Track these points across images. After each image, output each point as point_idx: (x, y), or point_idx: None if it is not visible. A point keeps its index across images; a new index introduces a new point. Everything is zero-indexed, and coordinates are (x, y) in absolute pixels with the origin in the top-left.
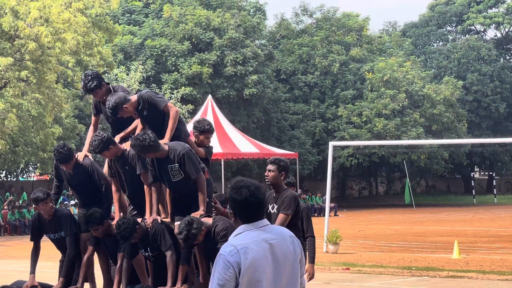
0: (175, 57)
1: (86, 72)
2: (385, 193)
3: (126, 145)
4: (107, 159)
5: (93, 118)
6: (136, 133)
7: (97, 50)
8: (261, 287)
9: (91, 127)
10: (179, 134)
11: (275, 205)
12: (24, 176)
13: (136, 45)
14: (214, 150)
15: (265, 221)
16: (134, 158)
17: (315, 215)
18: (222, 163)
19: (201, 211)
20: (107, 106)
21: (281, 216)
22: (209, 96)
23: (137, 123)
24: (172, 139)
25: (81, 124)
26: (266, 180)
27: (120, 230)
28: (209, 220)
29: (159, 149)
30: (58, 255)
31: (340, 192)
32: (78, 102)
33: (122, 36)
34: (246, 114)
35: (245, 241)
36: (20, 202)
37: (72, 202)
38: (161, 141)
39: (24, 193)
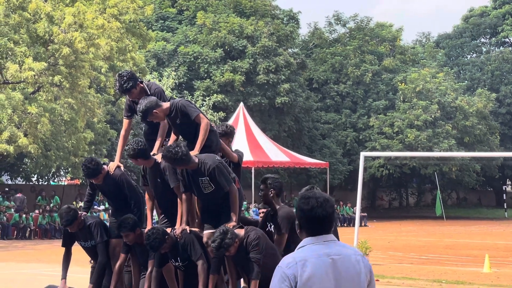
0: (207, 64)
1: (120, 72)
2: (415, 205)
3: (158, 157)
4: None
5: (125, 121)
6: (169, 144)
7: (130, 56)
8: None
9: (123, 132)
10: (210, 144)
11: (272, 223)
12: (55, 180)
13: (169, 51)
14: (245, 158)
15: (331, 236)
16: (165, 169)
17: (345, 225)
18: (253, 171)
19: (233, 222)
20: (137, 109)
21: (276, 238)
22: (241, 104)
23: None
24: (203, 149)
25: (113, 129)
26: (261, 199)
27: (149, 241)
28: (241, 232)
29: (190, 162)
30: (87, 260)
31: (370, 203)
32: (110, 108)
33: (156, 42)
34: (277, 122)
35: (305, 254)
36: (51, 206)
37: (102, 207)
38: (191, 153)
39: (56, 197)
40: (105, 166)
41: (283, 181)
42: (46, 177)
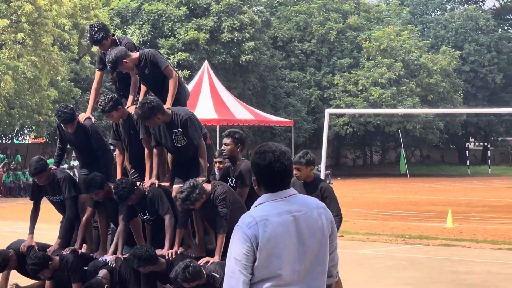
0: (171, 22)
1: (92, 23)
2: (379, 162)
3: (131, 109)
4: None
5: (97, 73)
6: (140, 98)
7: (94, 13)
8: (282, 263)
9: (95, 85)
10: (179, 97)
11: (233, 178)
12: (19, 139)
13: (133, 9)
14: (210, 116)
15: (291, 190)
16: (138, 122)
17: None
18: (218, 129)
19: (202, 177)
20: (106, 59)
21: (238, 191)
22: (206, 62)
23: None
24: (173, 102)
25: (77, 87)
26: (224, 154)
27: (118, 190)
28: (208, 186)
29: (164, 114)
30: (54, 218)
31: (335, 161)
32: (74, 66)
33: (119, 0)
34: (242, 80)
35: (265, 212)
36: (15, 164)
37: (66, 165)
38: (166, 105)
39: (18, 155)
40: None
41: (248, 139)
42: (9, 136)
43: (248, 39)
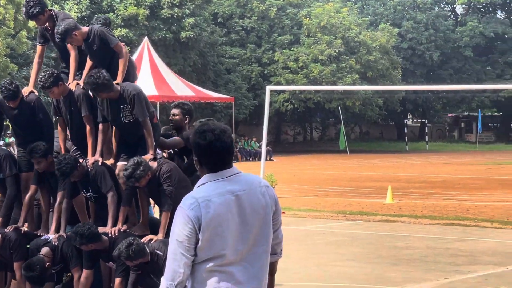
0: None
1: None
2: (319, 139)
3: (72, 85)
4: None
5: (38, 47)
6: (85, 71)
7: None
8: (225, 244)
9: (36, 58)
10: (128, 76)
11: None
12: None
13: None
14: (150, 93)
15: (234, 169)
16: (79, 99)
17: (250, 159)
18: (158, 105)
19: (149, 155)
20: (56, 31)
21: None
22: (145, 38)
23: (89, 64)
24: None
25: (13, 63)
26: (171, 124)
27: (60, 166)
28: (154, 164)
29: (112, 89)
30: None
31: (275, 137)
32: (10, 41)
33: None
34: (182, 57)
35: (207, 193)
36: None
37: (1, 142)
38: (115, 82)
39: None
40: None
41: None
42: None
43: (188, 15)
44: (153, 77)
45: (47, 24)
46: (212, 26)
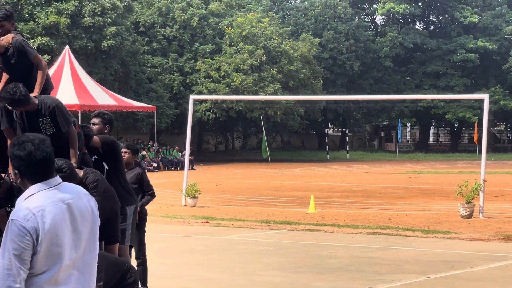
0: (31, 6)
1: None
2: (241, 148)
3: None
4: None
5: None
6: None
7: None
8: (61, 252)
9: None
10: (46, 86)
11: (96, 156)
12: None
13: None
14: (72, 102)
15: (58, 179)
16: None
17: (172, 168)
18: (79, 114)
19: (73, 163)
20: None
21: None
22: (67, 47)
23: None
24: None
25: None
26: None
27: None
28: (80, 172)
29: (30, 103)
30: None
31: (197, 146)
32: None
33: None
34: (104, 66)
35: (40, 203)
36: None
37: None
38: (30, 94)
39: None
40: None
41: None
42: None
43: (109, 24)
44: (74, 85)
45: None
46: (134, 35)
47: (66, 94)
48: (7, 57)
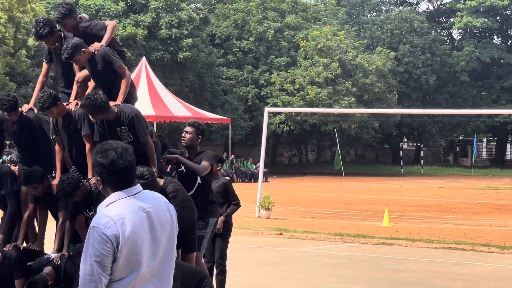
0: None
1: (37, 18)
2: (315, 161)
3: (71, 105)
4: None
5: (44, 65)
6: (87, 92)
7: (30, 7)
8: (140, 260)
9: (41, 77)
10: (130, 98)
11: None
12: None
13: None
14: (148, 113)
15: (138, 187)
16: (80, 118)
17: (246, 180)
18: (155, 125)
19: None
20: (64, 47)
21: (204, 163)
22: (143, 59)
23: (92, 85)
24: (124, 102)
25: (12, 82)
26: (182, 141)
27: (63, 186)
28: (160, 181)
29: (109, 111)
30: None
31: (271, 159)
32: (9, 60)
33: None
34: (179, 77)
35: (121, 211)
36: None
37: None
38: (111, 103)
39: None
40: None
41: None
42: None
43: (186, 36)
44: (150, 97)
45: (56, 44)
46: (209, 47)
47: (142, 105)
48: (93, 64)
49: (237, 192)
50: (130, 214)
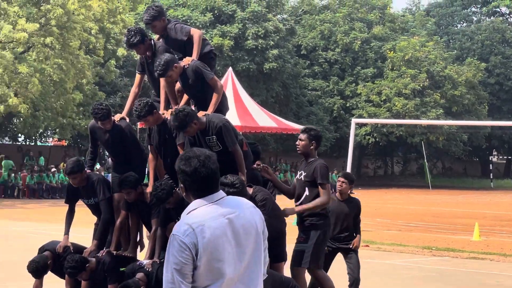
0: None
1: (129, 27)
2: (400, 173)
3: (167, 114)
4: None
5: (137, 75)
6: (180, 104)
7: (121, 18)
8: (222, 267)
9: (134, 88)
10: (221, 108)
11: (303, 172)
12: (42, 141)
13: None
14: (233, 123)
15: (221, 193)
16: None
17: (332, 191)
18: None
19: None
20: (156, 64)
21: (321, 190)
22: (229, 69)
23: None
24: (215, 112)
25: (101, 91)
26: (297, 149)
27: (157, 191)
28: (249, 190)
29: (198, 121)
30: (88, 221)
31: (356, 170)
32: (99, 70)
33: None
34: (265, 88)
35: (200, 218)
36: (38, 166)
37: (99, 166)
38: (201, 113)
39: (41, 157)
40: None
41: (269, 147)
42: (33, 138)
43: (272, 46)
44: (236, 107)
45: (147, 53)
46: (295, 58)
47: (228, 115)
48: (185, 78)
49: None
50: (210, 221)
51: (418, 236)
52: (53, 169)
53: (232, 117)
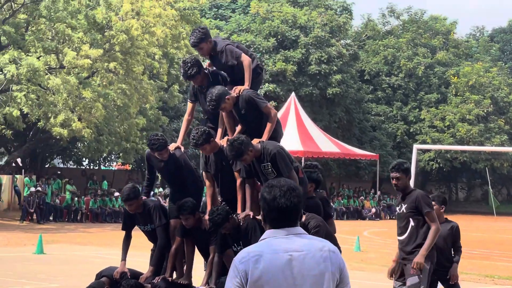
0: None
1: (185, 59)
2: (465, 200)
3: (223, 142)
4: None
5: (189, 104)
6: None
7: (184, 43)
8: None
9: (186, 116)
10: (276, 135)
11: (403, 204)
12: (106, 165)
13: None
14: (295, 148)
15: (298, 229)
16: None
17: (394, 218)
18: (303, 161)
19: None
20: (209, 99)
21: (429, 219)
22: (292, 94)
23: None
24: (269, 139)
25: (165, 116)
26: (396, 187)
27: (213, 216)
28: (302, 218)
29: (253, 149)
30: (145, 246)
31: None
32: (162, 94)
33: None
34: (328, 113)
35: (261, 249)
36: (101, 191)
37: (157, 191)
38: (255, 140)
39: (105, 181)
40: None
41: (332, 172)
42: (97, 162)
43: (335, 71)
44: (298, 132)
45: (203, 82)
46: (358, 83)
47: (290, 140)
48: (237, 108)
49: (383, 230)
50: (269, 253)
51: (480, 263)
52: (116, 193)
53: (295, 142)
